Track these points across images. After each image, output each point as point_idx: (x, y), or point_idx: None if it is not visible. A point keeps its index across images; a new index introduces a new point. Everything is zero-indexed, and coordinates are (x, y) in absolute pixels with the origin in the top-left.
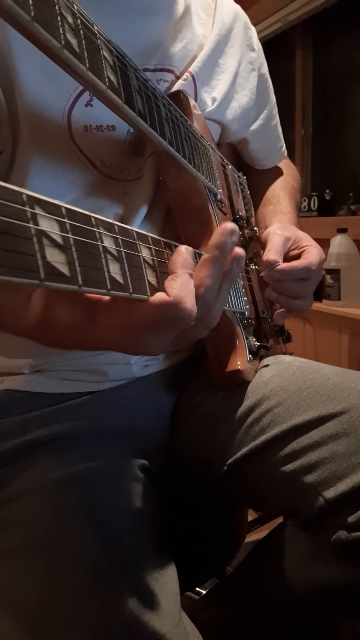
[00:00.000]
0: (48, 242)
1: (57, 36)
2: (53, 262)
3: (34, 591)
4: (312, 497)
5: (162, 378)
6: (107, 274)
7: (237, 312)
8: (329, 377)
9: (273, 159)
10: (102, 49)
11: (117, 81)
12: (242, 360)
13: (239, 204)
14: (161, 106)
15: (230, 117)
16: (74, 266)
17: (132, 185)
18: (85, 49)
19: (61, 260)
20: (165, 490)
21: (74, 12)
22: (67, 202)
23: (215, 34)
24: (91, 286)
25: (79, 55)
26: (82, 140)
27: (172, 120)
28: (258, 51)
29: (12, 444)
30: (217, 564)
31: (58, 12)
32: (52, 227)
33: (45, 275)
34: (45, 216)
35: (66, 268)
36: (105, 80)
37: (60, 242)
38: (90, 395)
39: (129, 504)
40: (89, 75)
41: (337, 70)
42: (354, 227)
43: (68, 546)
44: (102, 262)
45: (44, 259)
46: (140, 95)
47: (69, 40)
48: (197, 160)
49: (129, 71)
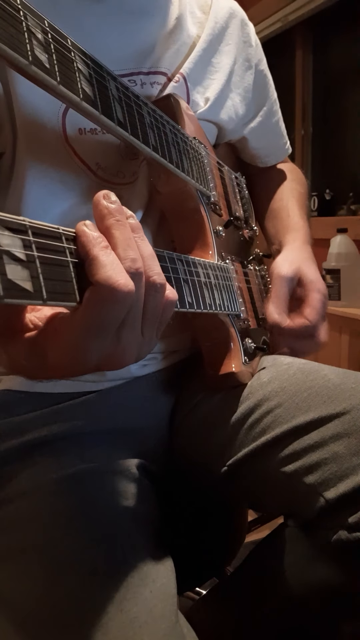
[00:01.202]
0: (9, 260)
1: (23, 53)
2: (14, 279)
3: (31, 592)
4: (313, 497)
5: (160, 378)
6: (75, 286)
7: (232, 315)
8: (330, 378)
9: (276, 156)
10: (76, 62)
11: (93, 92)
12: (237, 363)
13: (236, 204)
14: (145, 114)
15: (225, 117)
16: (38, 280)
17: (127, 189)
18: (57, 63)
19: (23, 276)
20: (164, 490)
21: (45, 28)
22: (65, 206)
23: (207, 34)
24: (58, 299)
25: (49, 71)
26: (77, 143)
27: (158, 127)
28: (256, 47)
29: (11, 444)
30: (217, 564)
31: (25, 29)
32: (14, 244)
33: (4, 292)
34: (5, 234)
35: (29, 284)
36: (79, 93)
37: (23, 257)
38: (88, 395)
39: (127, 505)
40: (61, 89)
41: (337, 70)
42: (354, 227)
43: (66, 547)
44: (71, 274)
45: (3, 275)
46: (121, 104)
47: (37, 57)
48: (186, 165)
49: (107, 82)
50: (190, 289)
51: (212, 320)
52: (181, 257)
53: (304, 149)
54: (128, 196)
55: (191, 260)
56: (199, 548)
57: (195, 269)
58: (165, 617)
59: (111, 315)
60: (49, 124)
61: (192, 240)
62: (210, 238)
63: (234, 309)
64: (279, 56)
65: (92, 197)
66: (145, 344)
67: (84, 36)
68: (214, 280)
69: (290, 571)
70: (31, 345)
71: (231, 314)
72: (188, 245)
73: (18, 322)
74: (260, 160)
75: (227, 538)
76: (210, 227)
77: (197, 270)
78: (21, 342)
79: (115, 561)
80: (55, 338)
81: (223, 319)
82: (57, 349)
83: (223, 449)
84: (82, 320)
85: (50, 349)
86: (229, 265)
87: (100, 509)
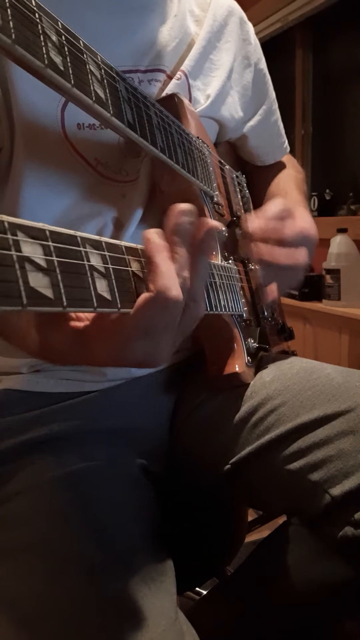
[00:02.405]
0: (31, 267)
1: (40, 56)
2: (36, 287)
3: (31, 591)
4: (319, 494)
5: (161, 378)
6: (93, 292)
7: (235, 315)
8: (333, 376)
9: (274, 155)
10: (88, 64)
11: (105, 94)
12: (240, 363)
13: (237, 204)
14: (152, 115)
15: (226, 113)
16: (58, 288)
17: (130, 186)
18: (71, 65)
19: (44, 283)
20: (164, 490)
21: (58, 30)
22: (66, 203)
23: (206, 31)
24: (77, 306)
25: (64, 73)
26: (76, 138)
27: (165, 127)
28: (255, 46)
29: (11, 443)
30: (217, 564)
31: (41, 31)
32: (35, 252)
33: (27, 300)
34: (28, 241)
35: (50, 291)
36: (92, 95)
37: (44, 265)
38: (89, 395)
39: (127, 504)
40: (74, 92)
41: (337, 70)
42: (354, 227)
43: (65, 546)
44: (89, 280)
45: (27, 284)
46: (130, 106)
47: (52, 59)
48: (191, 165)
49: (117, 83)
50: None
51: (216, 321)
52: None
53: (304, 149)
54: (132, 194)
55: None
56: (199, 548)
57: None
58: (164, 614)
59: (160, 321)
60: (47, 118)
61: None
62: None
63: (238, 309)
64: (279, 56)
65: (92, 193)
66: (172, 349)
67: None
68: (219, 280)
69: (294, 569)
70: (76, 336)
71: (234, 314)
72: None
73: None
74: (259, 159)
75: (227, 538)
76: None
77: None
78: (64, 331)
79: (114, 559)
80: (105, 336)
81: (227, 319)
82: (105, 346)
83: (226, 448)
84: (134, 322)
85: (97, 344)
86: (231, 265)
87: (100, 508)
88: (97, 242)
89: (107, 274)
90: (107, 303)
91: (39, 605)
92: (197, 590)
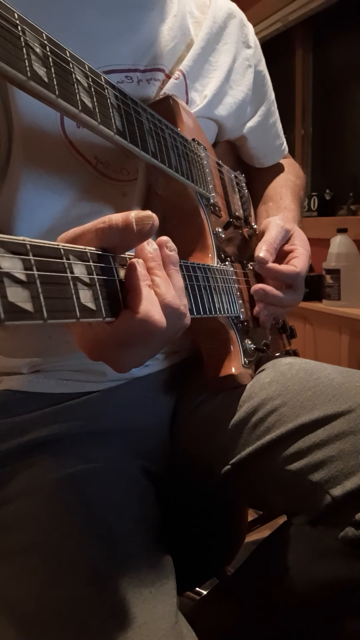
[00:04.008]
0: (9, 282)
1: (22, 69)
2: (15, 301)
3: (31, 592)
4: (319, 495)
5: (161, 378)
6: (76, 302)
7: (232, 317)
8: (333, 376)
9: (273, 157)
10: (74, 73)
11: (92, 103)
12: (237, 365)
13: (236, 204)
14: (144, 120)
15: (224, 113)
16: (38, 300)
17: (131, 185)
18: (55, 76)
19: (24, 297)
20: (164, 491)
21: (42, 41)
22: (66, 202)
23: (205, 32)
24: (58, 317)
25: (48, 85)
26: (75, 136)
27: (157, 132)
28: (255, 48)
29: (11, 444)
30: (217, 564)
31: (24, 44)
32: (15, 266)
33: (5, 315)
34: (7, 256)
35: (29, 304)
36: (78, 104)
37: (24, 278)
38: (89, 395)
39: (127, 505)
40: (59, 102)
41: (336, 70)
42: (354, 227)
43: (65, 547)
44: (71, 291)
45: (4, 298)
46: (120, 112)
47: (35, 72)
48: (185, 168)
49: (106, 91)
50: (190, 295)
51: (212, 323)
52: (181, 263)
53: (304, 149)
54: (132, 193)
55: (191, 266)
56: (199, 548)
57: (195, 273)
58: (164, 618)
59: (140, 340)
60: (46, 117)
61: (191, 242)
62: (210, 240)
63: (234, 311)
64: (279, 56)
65: (92, 192)
66: (153, 354)
67: (83, 30)
68: (214, 283)
69: (294, 569)
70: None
71: (231, 316)
72: (188, 248)
73: None
74: (258, 160)
75: (227, 538)
76: (210, 230)
77: (197, 275)
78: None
79: (115, 561)
80: (86, 345)
81: (223, 322)
82: (82, 339)
83: (226, 448)
84: (113, 336)
85: (76, 334)
86: (228, 267)
87: (100, 509)
88: (82, 252)
89: (92, 283)
90: (92, 313)
91: (39, 607)
92: (197, 590)
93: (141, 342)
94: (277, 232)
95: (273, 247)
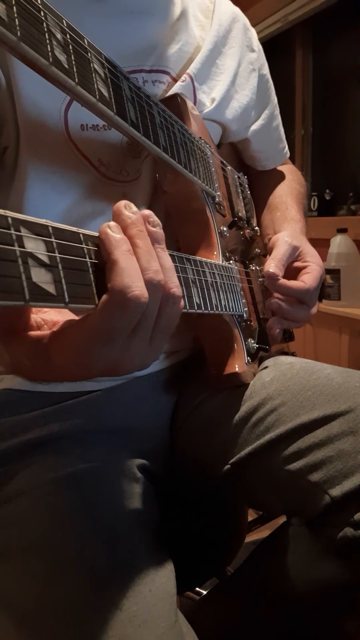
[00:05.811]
0: (34, 263)
1: (44, 54)
2: (39, 282)
3: (31, 591)
4: (318, 495)
5: (161, 377)
6: (94, 289)
7: (235, 315)
8: (333, 377)
9: (275, 160)
10: (92, 62)
11: (109, 93)
12: (240, 363)
13: (239, 205)
14: (155, 114)
15: (230, 116)
16: (60, 284)
17: (131, 186)
18: (75, 63)
19: (47, 279)
20: (164, 490)
21: (63, 28)
22: (69, 202)
23: (212, 36)
24: (78, 302)
25: (68, 71)
26: (79, 138)
27: (167, 127)
28: (258, 52)
29: (12, 443)
30: (217, 564)
31: (46, 29)
32: (39, 247)
33: (30, 296)
34: (31, 237)
35: (52, 287)
36: (96, 93)
37: (47, 261)
38: (90, 395)
39: (127, 504)
40: (78, 90)
41: (336, 70)
42: (354, 227)
43: (65, 546)
44: (90, 278)
45: (29, 279)
46: (134, 104)
47: (57, 57)
48: (193, 165)
49: (121, 82)
50: (198, 290)
51: (217, 321)
52: (189, 257)
53: (304, 149)
54: (132, 194)
55: (199, 261)
56: (199, 548)
57: (203, 269)
58: (164, 617)
59: (122, 323)
60: (51, 119)
61: (197, 240)
62: (215, 238)
63: (238, 310)
64: (279, 56)
65: (94, 193)
66: (152, 352)
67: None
68: (220, 280)
69: (293, 569)
70: (35, 345)
71: (235, 314)
72: (193, 245)
73: (20, 321)
74: (260, 163)
75: (227, 538)
76: (215, 228)
77: (205, 271)
78: (24, 341)
79: (115, 560)
80: (62, 340)
81: (227, 319)
82: (62, 352)
83: (226, 448)
84: (93, 325)
85: (55, 351)
86: (232, 265)
87: (101, 508)
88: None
89: None
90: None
91: (39, 605)
92: (197, 590)
93: (125, 326)
94: (285, 250)
95: (281, 264)
